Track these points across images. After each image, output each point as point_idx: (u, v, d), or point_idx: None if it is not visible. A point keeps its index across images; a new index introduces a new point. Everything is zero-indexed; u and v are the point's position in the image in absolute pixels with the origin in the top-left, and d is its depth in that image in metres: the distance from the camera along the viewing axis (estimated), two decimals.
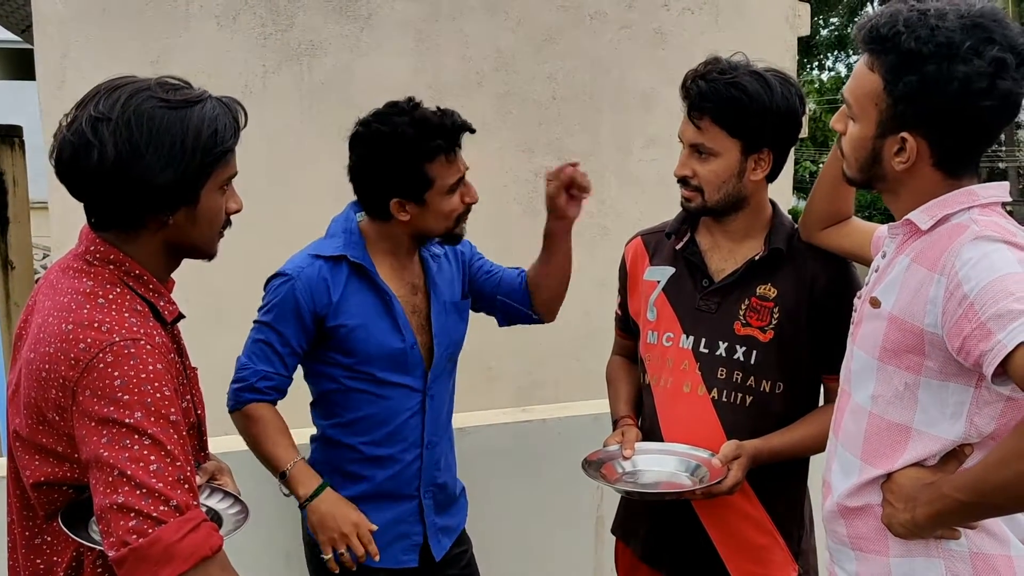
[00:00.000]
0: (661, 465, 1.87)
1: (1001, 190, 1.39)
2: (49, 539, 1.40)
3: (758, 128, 1.79)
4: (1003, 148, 25.54)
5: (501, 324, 2.26)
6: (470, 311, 2.19)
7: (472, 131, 1.94)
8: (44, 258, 9.44)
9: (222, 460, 1.68)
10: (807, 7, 4.77)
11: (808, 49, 24.63)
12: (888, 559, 1.42)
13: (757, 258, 1.88)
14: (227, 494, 1.57)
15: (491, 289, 2.17)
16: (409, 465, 2.01)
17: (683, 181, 1.87)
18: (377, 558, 1.89)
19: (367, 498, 1.99)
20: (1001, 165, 25.93)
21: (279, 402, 2.00)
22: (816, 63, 27.13)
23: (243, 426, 1.96)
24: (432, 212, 1.93)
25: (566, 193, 2.02)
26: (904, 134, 1.34)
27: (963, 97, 1.28)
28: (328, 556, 1.88)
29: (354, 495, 1.98)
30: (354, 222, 2.01)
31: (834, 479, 1.51)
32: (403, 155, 1.86)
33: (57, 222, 3.57)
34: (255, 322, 1.97)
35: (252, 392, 1.94)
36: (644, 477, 1.86)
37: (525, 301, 2.18)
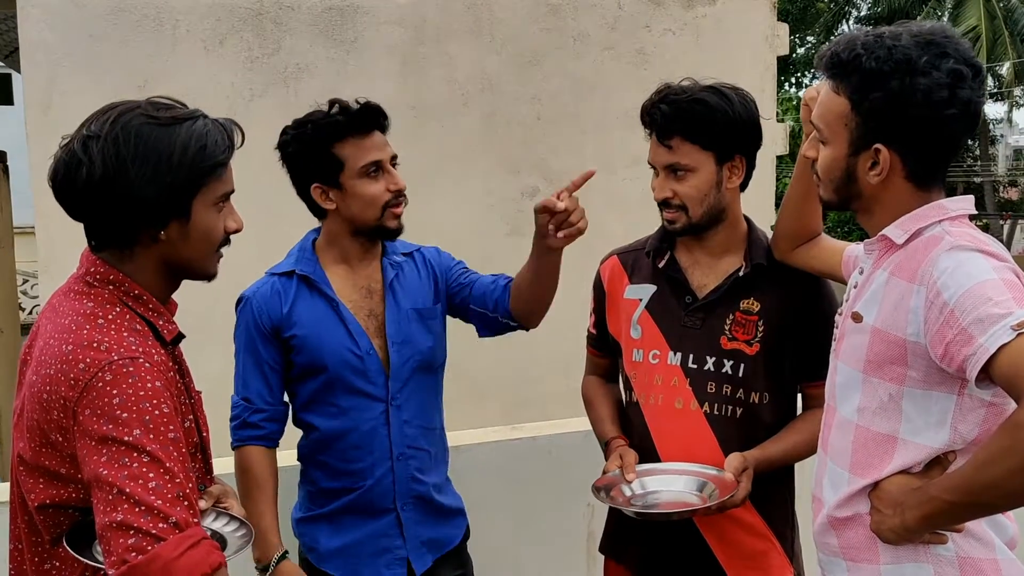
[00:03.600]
0: (670, 485, 1.88)
1: (967, 203, 1.46)
2: (57, 564, 1.40)
3: (727, 136, 1.85)
4: (979, 163, 25.91)
5: (481, 334, 2.20)
6: (454, 320, 2.18)
7: (384, 116, 1.96)
8: (24, 283, 9.37)
9: (227, 483, 1.68)
10: (785, 27, 4.86)
11: (786, 67, 24.94)
12: (879, 566, 1.44)
13: (741, 274, 1.91)
14: (232, 517, 1.56)
15: (462, 298, 2.15)
16: (380, 480, 1.99)
17: (664, 203, 1.89)
18: None
19: (343, 512, 2.00)
20: (977, 180, 26.28)
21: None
22: (794, 80, 27.48)
23: (237, 469, 1.98)
24: (352, 197, 1.94)
25: (554, 227, 1.91)
26: (877, 145, 1.39)
27: (927, 107, 1.34)
28: None
29: (331, 511, 2.00)
30: (308, 241, 2.06)
31: (824, 494, 1.53)
32: (311, 137, 1.93)
33: (44, 247, 3.57)
34: (236, 352, 2.01)
35: (246, 428, 1.97)
36: (653, 499, 1.86)
37: (500, 308, 2.10)
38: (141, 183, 1.34)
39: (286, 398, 2.05)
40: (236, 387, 1.99)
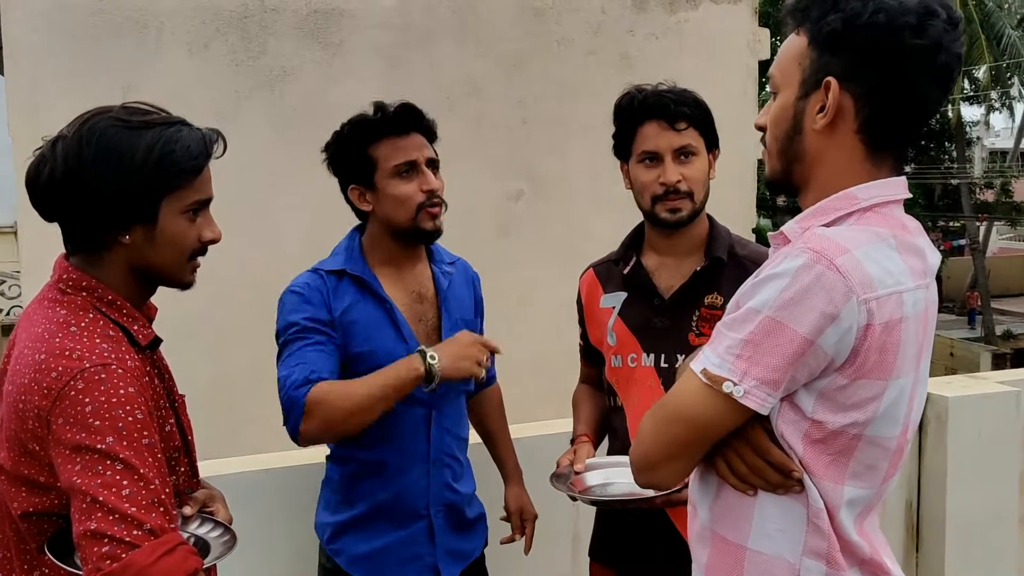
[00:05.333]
0: (626, 477, 1.92)
1: (889, 188, 1.26)
2: (46, 571, 1.41)
3: (712, 127, 2.00)
4: (955, 166, 26.18)
5: None
6: None
7: (425, 119, 1.98)
8: (1, 283, 9.27)
9: (214, 486, 1.68)
10: (767, 32, 4.92)
11: (767, 70, 25.07)
12: None
13: (699, 269, 1.97)
14: (217, 523, 1.56)
15: None
16: (416, 481, 2.01)
17: (674, 191, 1.93)
18: None
19: (378, 515, 2.00)
20: (953, 182, 26.55)
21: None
22: None
23: (320, 415, 1.80)
24: (386, 199, 1.96)
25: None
26: (828, 79, 1.22)
27: (890, 32, 1.18)
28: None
29: (364, 512, 2.00)
30: (355, 240, 2.06)
31: (699, 500, 1.41)
32: (349, 139, 1.97)
33: (26, 248, 3.56)
34: (280, 346, 1.93)
35: (305, 384, 1.82)
36: (612, 489, 1.92)
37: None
38: (99, 182, 1.36)
39: None
40: (289, 367, 1.87)
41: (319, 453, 2.20)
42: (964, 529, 3.00)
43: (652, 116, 1.95)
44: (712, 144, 2.00)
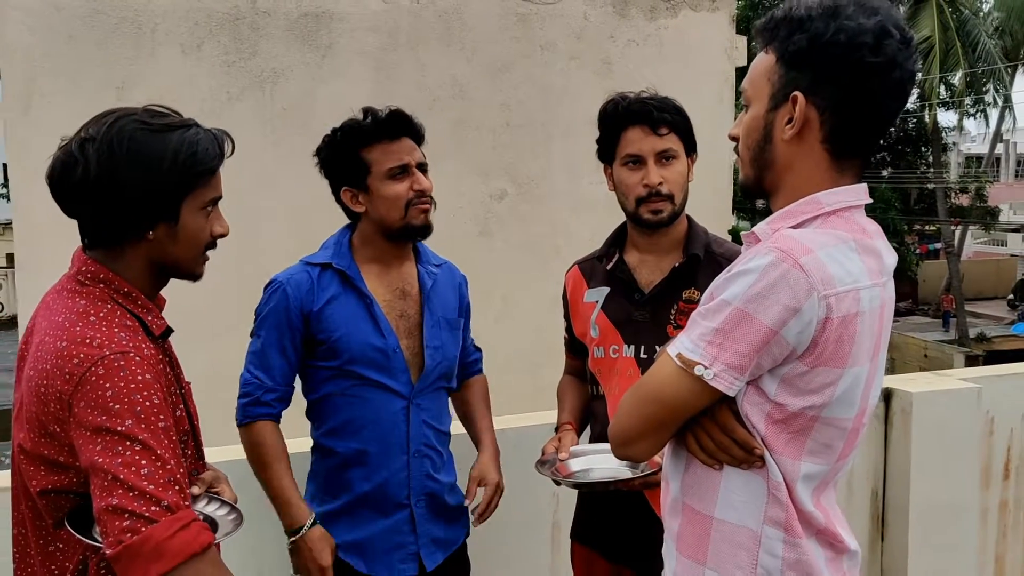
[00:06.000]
0: (607, 463, 2.00)
1: (851, 194, 1.36)
2: (61, 545, 1.47)
3: (691, 133, 2.09)
4: (931, 170, 26.47)
5: None
6: None
7: (414, 124, 2.06)
8: None
9: (219, 469, 1.75)
10: (744, 39, 5.05)
11: (744, 77, 25.21)
12: (703, 567, 1.42)
13: (677, 265, 2.07)
14: (223, 502, 1.63)
15: None
16: (397, 472, 2.07)
17: (656, 193, 2.03)
18: None
19: (361, 505, 2.06)
20: (929, 186, 26.83)
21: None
22: None
23: (250, 445, 2.04)
24: (378, 199, 2.03)
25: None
26: (795, 93, 1.32)
27: (849, 50, 1.28)
28: None
29: (347, 502, 2.06)
30: (345, 236, 2.13)
31: (671, 474, 1.50)
32: (342, 143, 2.04)
33: (21, 243, 3.62)
34: (252, 335, 2.06)
35: (259, 406, 2.02)
36: (593, 475, 2.01)
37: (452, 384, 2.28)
38: (131, 185, 1.42)
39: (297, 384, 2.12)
40: (252, 364, 2.05)
41: (308, 443, 2.27)
42: (927, 518, 3.09)
43: (636, 121, 2.04)
44: (691, 148, 2.09)
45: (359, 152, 2.03)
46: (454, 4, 4.44)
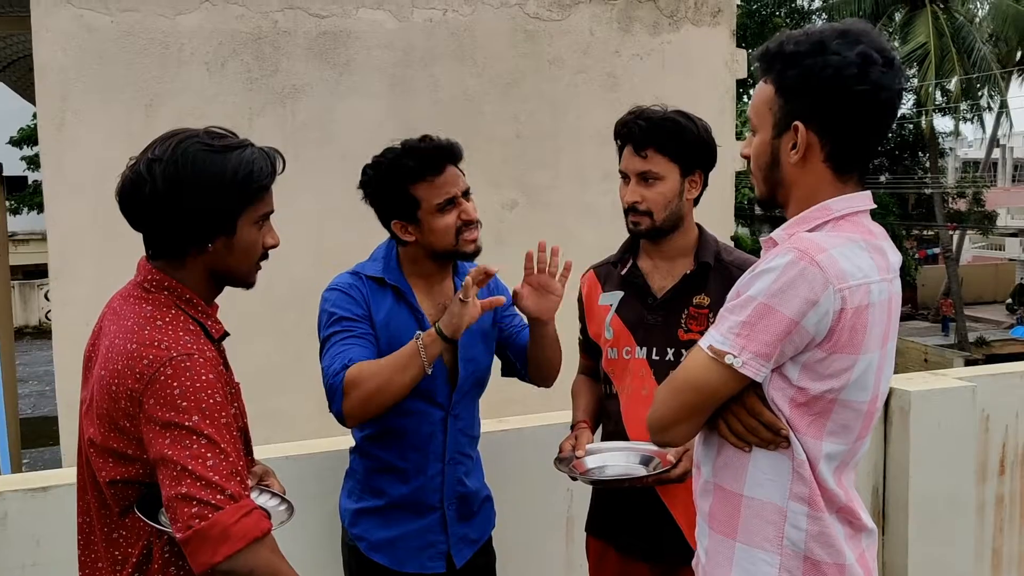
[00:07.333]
0: (622, 460, 2.10)
1: (858, 200, 1.50)
2: (124, 533, 1.56)
3: (691, 152, 2.12)
4: (929, 175, 26.53)
5: (503, 374, 2.36)
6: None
7: (455, 151, 2.09)
8: None
9: (267, 465, 1.86)
10: (744, 53, 5.18)
11: (745, 84, 25.39)
12: (735, 542, 1.54)
13: (689, 272, 2.17)
14: (274, 494, 1.76)
15: (505, 342, 2.31)
16: (432, 478, 2.13)
17: (632, 208, 2.14)
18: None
19: (394, 507, 2.13)
20: (927, 191, 26.86)
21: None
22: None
23: (357, 393, 1.95)
24: (429, 230, 2.07)
25: (534, 290, 2.14)
26: (796, 123, 1.46)
27: (838, 82, 1.41)
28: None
29: (382, 504, 2.13)
30: (393, 251, 2.19)
31: (703, 459, 1.63)
32: (389, 179, 2.07)
33: (55, 254, 3.74)
34: (323, 340, 2.07)
35: (342, 371, 1.97)
36: (609, 471, 2.10)
37: (525, 369, 2.29)
38: (194, 201, 1.52)
39: None
40: (332, 356, 2.02)
41: (333, 443, 2.35)
42: (925, 512, 3.11)
43: (626, 141, 2.12)
44: (689, 168, 2.12)
45: (407, 188, 2.06)
46: (465, 22, 4.57)
